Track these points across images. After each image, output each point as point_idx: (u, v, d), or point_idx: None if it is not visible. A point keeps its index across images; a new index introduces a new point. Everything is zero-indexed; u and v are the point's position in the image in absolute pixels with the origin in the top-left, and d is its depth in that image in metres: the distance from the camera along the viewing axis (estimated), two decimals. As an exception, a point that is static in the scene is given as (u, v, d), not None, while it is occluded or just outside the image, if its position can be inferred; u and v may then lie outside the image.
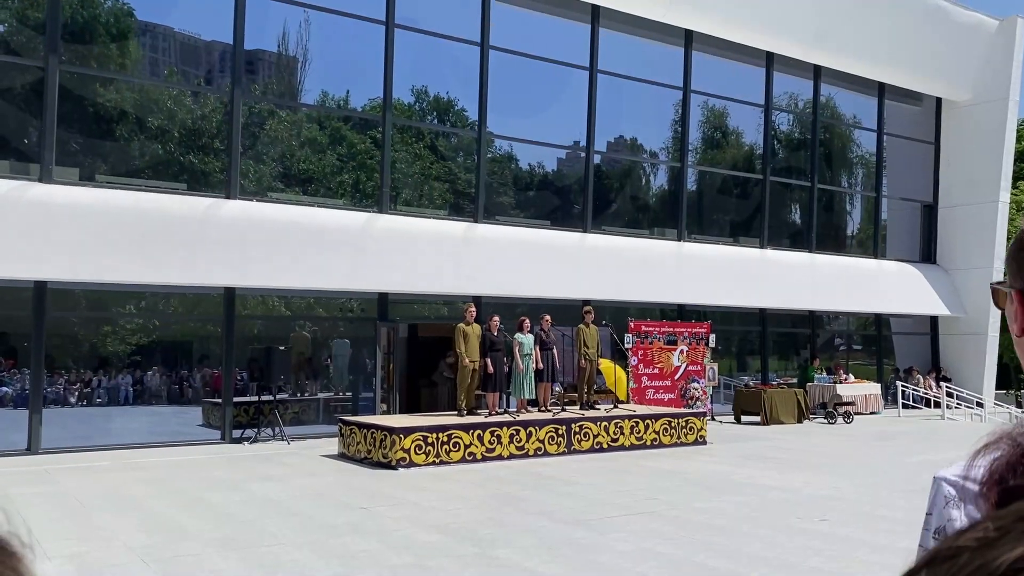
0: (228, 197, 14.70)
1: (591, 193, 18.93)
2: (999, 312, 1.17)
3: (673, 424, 14.49)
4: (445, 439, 12.08)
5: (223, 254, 14.17)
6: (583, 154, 19.33)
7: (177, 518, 8.52)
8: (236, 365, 15.23)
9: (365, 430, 12.45)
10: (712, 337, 18.94)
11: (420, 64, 17.79)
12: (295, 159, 16.98)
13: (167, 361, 15.90)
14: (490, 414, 13.30)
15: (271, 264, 14.56)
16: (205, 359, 16.14)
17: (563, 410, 14.18)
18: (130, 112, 15.23)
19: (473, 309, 13.84)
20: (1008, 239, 23.55)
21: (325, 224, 15.29)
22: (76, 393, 14.83)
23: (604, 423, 13.72)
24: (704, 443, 14.70)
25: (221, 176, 15.35)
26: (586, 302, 16.82)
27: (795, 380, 21.57)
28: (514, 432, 12.75)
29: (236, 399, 14.93)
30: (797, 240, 23.16)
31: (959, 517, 1.02)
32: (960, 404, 22.12)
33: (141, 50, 15.97)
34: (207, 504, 9.23)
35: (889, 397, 22.71)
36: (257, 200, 15.12)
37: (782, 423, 18.50)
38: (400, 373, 16.70)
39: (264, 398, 14.81)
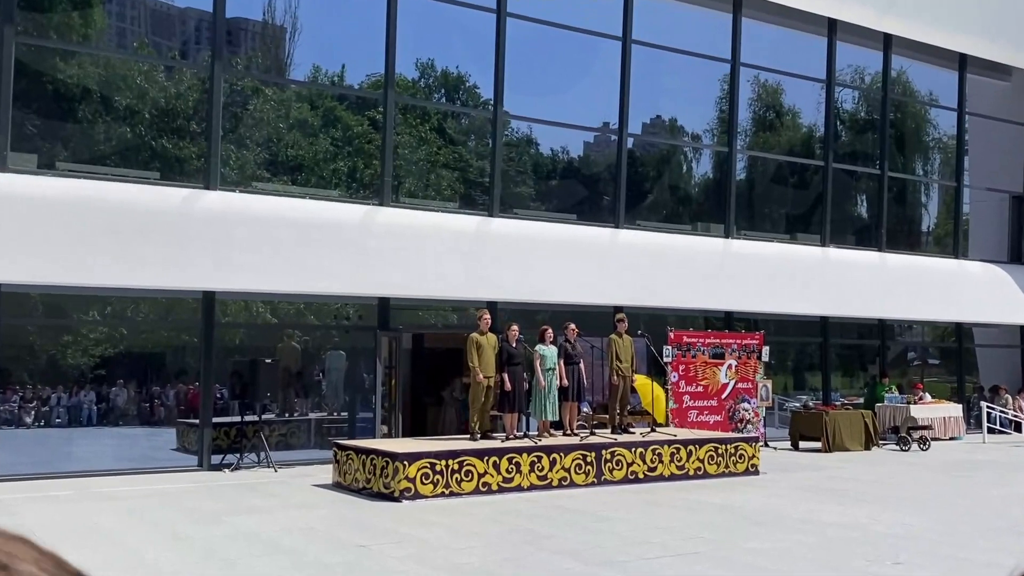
0: (207, 187, 14.82)
1: (624, 182, 18.95)
2: None
3: (720, 451, 14.46)
4: (456, 467, 12.13)
5: (201, 252, 14.29)
6: (615, 137, 19.34)
7: (151, 555, 8.62)
8: (215, 380, 15.32)
9: (363, 456, 12.52)
10: (765, 350, 18.88)
11: (426, 34, 17.88)
12: (283, 144, 17.10)
13: (136, 375, 16.03)
14: (507, 438, 13.33)
15: (256, 264, 14.64)
16: (180, 374, 16.28)
17: (592, 434, 14.18)
18: (94, 90, 15.40)
19: (488, 317, 13.88)
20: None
21: (318, 218, 15.39)
22: (32, 412, 15.00)
23: (640, 449, 13.72)
24: (756, 473, 14.67)
25: (199, 163, 15.48)
26: (618, 309, 16.83)
27: (862, 400, 21.44)
28: (535, 459, 12.77)
29: (215, 420, 15.00)
30: (864, 237, 23.05)
31: None
32: (1056, 429, 21.96)
33: (107, 19, 16.16)
34: (184, 539, 9.33)
35: (972, 420, 22.54)
36: (240, 191, 15.23)
37: (847, 450, 18.41)
38: (404, 390, 16.73)
39: (248, 418, 14.89)
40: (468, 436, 13.49)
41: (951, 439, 20.71)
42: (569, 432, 14.13)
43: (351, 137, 17.79)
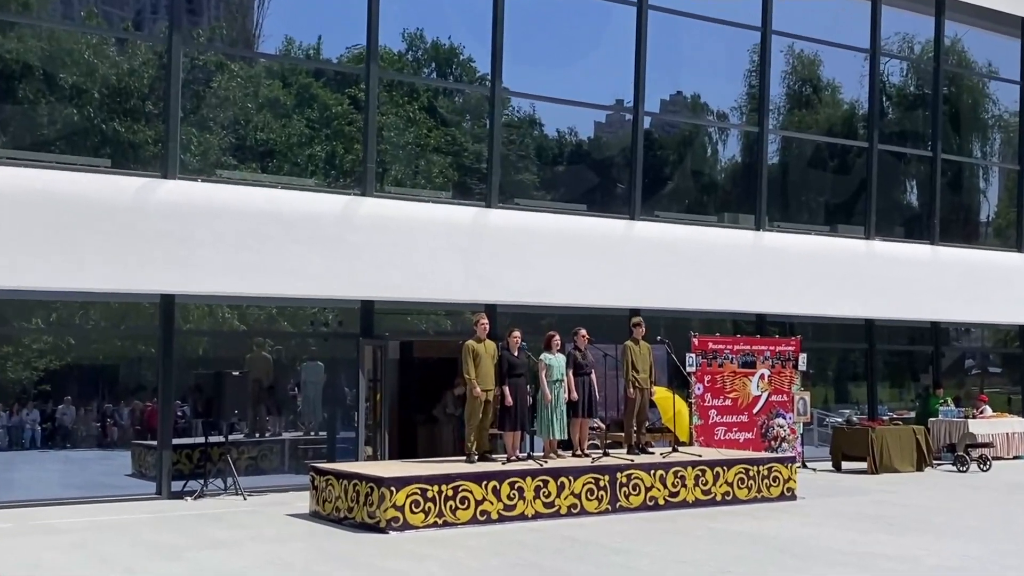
0: (165, 176, 14.81)
1: (640, 168, 18.92)
2: None
3: (751, 473, 14.45)
4: (450, 493, 12.11)
5: (158, 250, 14.27)
6: (629, 117, 19.31)
7: (101, 596, 8.60)
8: (176, 396, 15.31)
9: (345, 481, 12.51)
10: (802, 358, 18.84)
11: (414, 1, 17.86)
12: (252, 126, 17.07)
13: (86, 391, 16.01)
14: (509, 460, 13.32)
15: (221, 263, 14.63)
16: (136, 389, 16.24)
17: (605, 454, 14.17)
18: (36, 67, 15.38)
19: (486, 322, 13.86)
20: None
21: (291, 211, 15.37)
22: (-33, 434, 14.98)
23: (660, 472, 13.70)
24: (793, 498, 14.67)
25: (155, 149, 15.45)
26: (635, 311, 16.80)
27: (913, 414, 21.41)
28: (541, 484, 12.75)
29: (176, 441, 14.99)
30: (915, 228, 23.00)
31: None
32: None
33: (51, -14, 16.18)
34: (140, 578, 9.32)
35: (1039, 436, 22.50)
36: (202, 180, 15.21)
37: (896, 471, 18.39)
38: (390, 406, 16.72)
39: (213, 439, 14.87)
40: (464, 458, 13.47)
41: (1015, 458, 20.68)
42: (579, 452, 14.11)
43: (329, 118, 17.76)
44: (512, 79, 17.93)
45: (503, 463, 13.12)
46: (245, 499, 14.23)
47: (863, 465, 18.51)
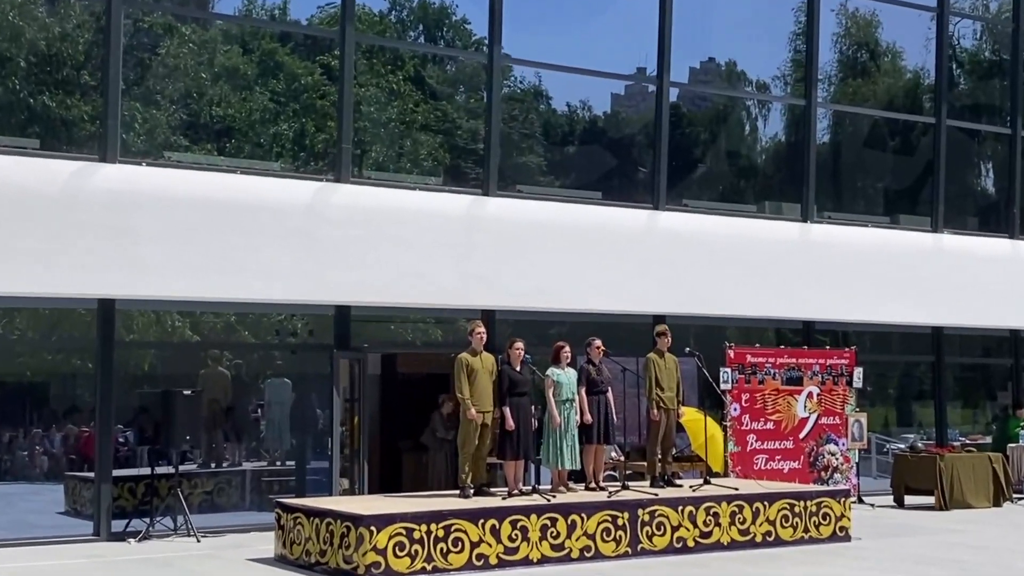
0: (104, 160, 14.82)
1: (665, 149, 18.92)
2: None
3: (797, 509, 14.42)
4: (441, 533, 12.09)
5: (96, 247, 14.25)
6: (653, 88, 19.32)
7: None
8: (117, 420, 15.31)
9: (316, 520, 12.50)
10: (858, 373, 18.82)
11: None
12: (206, 101, 17.07)
13: (10, 415, 16.00)
14: (510, 494, 13.32)
15: (170, 262, 14.61)
16: (70, 411, 16.24)
17: (624, 487, 14.17)
18: (-48, 31, 15.43)
19: (482, 330, 13.84)
20: None
21: (253, 200, 15.37)
22: None
23: (689, 508, 13.67)
24: (847, 538, 14.65)
25: (92, 128, 15.46)
26: (659, 319, 16.80)
27: (989, 440, 21.38)
28: (548, 522, 12.73)
29: (117, 473, 14.96)
30: (990, 219, 22.97)
31: None
32: None
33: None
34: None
35: None
36: (148, 164, 15.22)
37: (969, 507, 18.37)
38: (370, 430, 16.71)
39: (160, 471, 14.86)
40: (457, 492, 13.46)
41: (1110, 491, 20.67)
42: (593, 485, 14.10)
43: (298, 91, 17.78)
44: (514, 44, 17.96)
45: (503, 498, 13.10)
46: (199, 541, 14.19)
47: (930, 500, 18.48)
